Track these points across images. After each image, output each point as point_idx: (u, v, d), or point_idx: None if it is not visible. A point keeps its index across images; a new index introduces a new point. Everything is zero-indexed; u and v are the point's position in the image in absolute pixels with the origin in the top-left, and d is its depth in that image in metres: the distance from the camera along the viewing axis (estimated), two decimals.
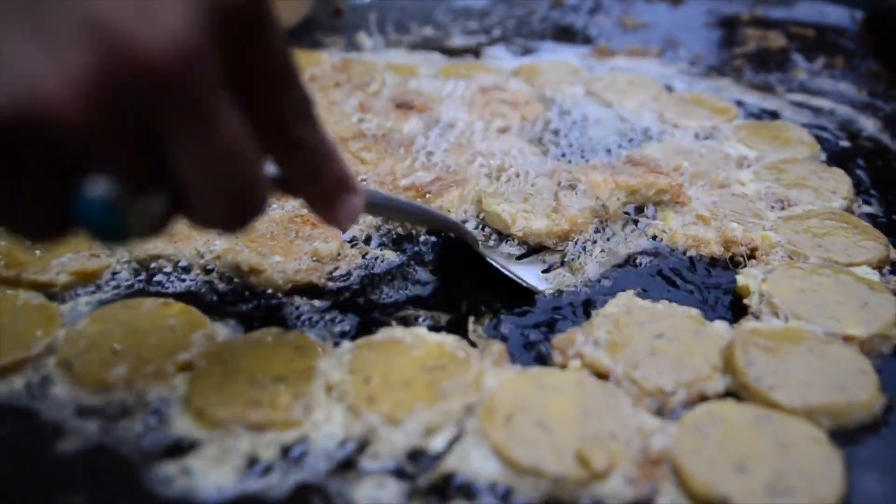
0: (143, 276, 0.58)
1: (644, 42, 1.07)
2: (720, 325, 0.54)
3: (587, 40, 1.08)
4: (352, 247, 0.62)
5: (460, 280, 0.60)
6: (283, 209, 0.66)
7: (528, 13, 1.15)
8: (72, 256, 0.58)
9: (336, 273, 0.60)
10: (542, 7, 1.18)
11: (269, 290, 0.58)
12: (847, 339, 0.52)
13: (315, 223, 0.64)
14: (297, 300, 0.57)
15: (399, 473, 0.43)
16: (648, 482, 0.43)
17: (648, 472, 0.43)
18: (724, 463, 0.43)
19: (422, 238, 0.64)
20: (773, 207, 0.67)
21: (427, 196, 0.68)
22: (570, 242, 0.64)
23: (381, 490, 0.42)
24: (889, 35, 1.02)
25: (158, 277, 0.59)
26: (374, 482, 0.43)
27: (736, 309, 0.57)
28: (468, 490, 0.43)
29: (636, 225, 0.67)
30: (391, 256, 0.62)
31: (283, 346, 0.51)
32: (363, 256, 0.62)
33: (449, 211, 0.67)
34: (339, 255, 0.61)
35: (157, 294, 0.57)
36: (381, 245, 0.63)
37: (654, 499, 0.42)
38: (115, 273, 0.58)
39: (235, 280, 0.59)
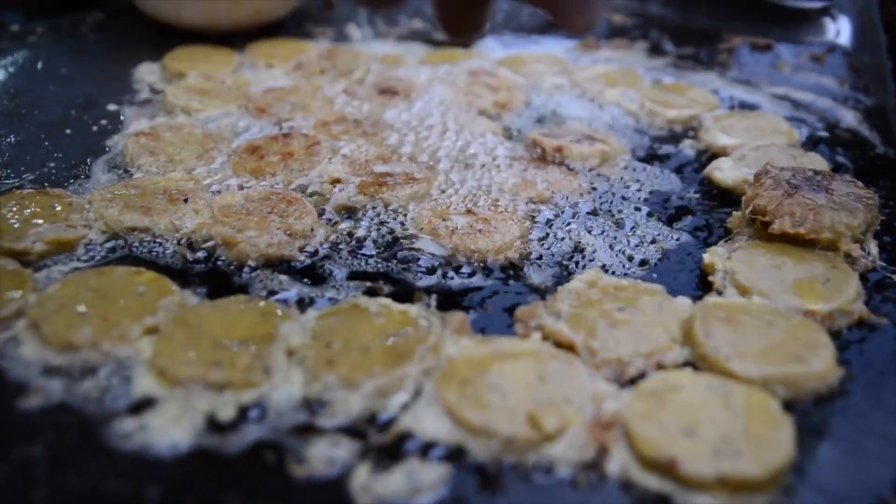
0: (117, 248, 0.59)
1: (630, 36, 1.07)
2: (683, 301, 0.54)
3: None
4: (327, 223, 0.63)
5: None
6: (260, 187, 0.67)
7: (516, 7, 1.16)
8: (48, 226, 0.59)
9: (308, 248, 0.61)
10: None
11: (242, 264, 0.59)
12: (808, 314, 0.53)
13: (291, 200, 0.64)
14: (268, 273, 0.58)
15: (353, 433, 0.44)
16: (599, 445, 0.43)
17: (599, 435, 0.44)
18: (674, 427, 0.43)
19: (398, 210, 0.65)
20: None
21: (382, 186, 0.67)
22: None
23: (335, 448, 0.43)
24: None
25: (134, 248, 0.59)
26: (328, 441, 0.43)
27: (702, 288, 0.58)
28: (420, 449, 0.43)
29: None
30: (361, 232, 0.62)
31: (249, 312, 0.51)
32: (335, 232, 0.62)
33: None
34: (311, 230, 0.62)
35: (131, 263, 0.57)
36: (353, 221, 0.64)
37: (604, 461, 0.43)
38: (90, 244, 0.59)
39: (208, 254, 0.59)
